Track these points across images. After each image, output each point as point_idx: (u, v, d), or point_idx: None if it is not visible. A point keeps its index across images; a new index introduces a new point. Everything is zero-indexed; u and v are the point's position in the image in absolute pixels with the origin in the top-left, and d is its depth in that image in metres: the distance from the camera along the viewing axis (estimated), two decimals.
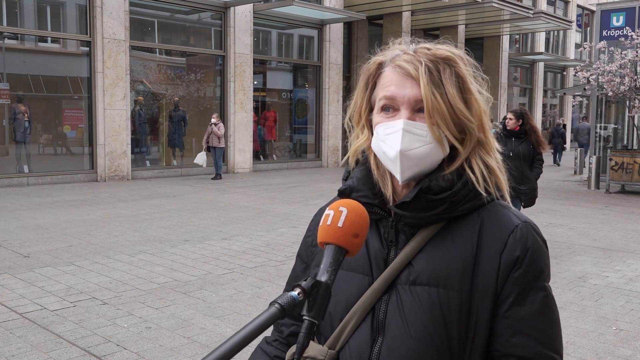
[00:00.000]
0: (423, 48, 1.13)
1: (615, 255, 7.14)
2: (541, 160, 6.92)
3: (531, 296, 1.08)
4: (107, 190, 11.96)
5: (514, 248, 1.09)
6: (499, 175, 1.15)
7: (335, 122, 18.64)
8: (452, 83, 1.09)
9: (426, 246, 1.12)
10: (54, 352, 3.96)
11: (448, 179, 1.11)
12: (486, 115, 1.14)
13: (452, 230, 1.12)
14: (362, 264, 1.15)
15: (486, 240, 1.10)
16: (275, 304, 0.87)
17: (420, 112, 1.10)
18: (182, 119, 15.48)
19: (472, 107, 1.11)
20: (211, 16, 16.04)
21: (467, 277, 1.08)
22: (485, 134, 1.14)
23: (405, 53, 1.12)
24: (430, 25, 22.33)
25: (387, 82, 1.12)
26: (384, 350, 1.10)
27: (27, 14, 13.04)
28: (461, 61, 1.12)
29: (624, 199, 12.64)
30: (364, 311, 1.12)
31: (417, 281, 1.09)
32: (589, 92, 16.00)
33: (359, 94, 1.18)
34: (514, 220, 1.12)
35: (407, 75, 1.10)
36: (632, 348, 4.25)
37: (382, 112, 1.13)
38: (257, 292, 5.39)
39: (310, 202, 10.67)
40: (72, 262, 6.26)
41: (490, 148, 1.15)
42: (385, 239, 1.15)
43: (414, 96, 1.09)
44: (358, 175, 1.20)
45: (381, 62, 1.15)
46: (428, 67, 1.09)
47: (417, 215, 1.11)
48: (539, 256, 1.10)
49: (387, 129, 1.11)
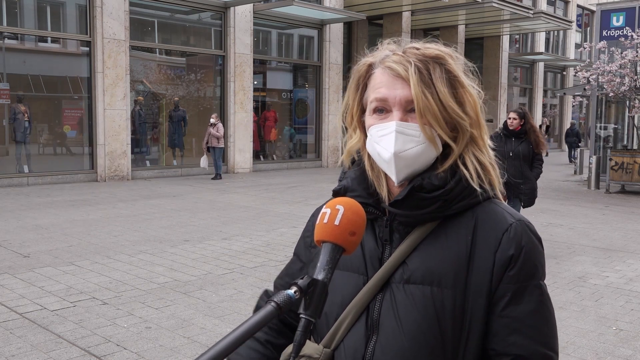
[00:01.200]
0: (412, 48, 1.13)
1: (615, 255, 7.14)
2: (541, 161, 6.93)
3: (527, 295, 1.08)
4: (107, 190, 11.96)
5: (508, 247, 1.09)
6: (492, 172, 1.15)
7: (335, 122, 18.63)
8: (442, 81, 1.09)
9: (420, 245, 1.12)
10: (54, 352, 3.96)
11: (441, 177, 1.11)
12: (478, 111, 1.13)
13: (446, 229, 1.12)
14: (357, 263, 1.16)
15: (480, 239, 1.10)
16: (272, 302, 0.87)
17: (412, 112, 1.10)
18: (182, 119, 15.49)
19: (465, 102, 1.12)
20: (211, 16, 16.05)
21: (461, 276, 1.08)
22: (479, 130, 1.14)
23: (394, 54, 1.12)
24: (430, 25, 22.33)
25: (378, 84, 1.13)
26: (378, 348, 1.10)
27: (27, 14, 13.04)
28: (450, 58, 1.12)
29: (624, 199, 12.64)
30: (359, 310, 1.13)
31: (411, 279, 1.10)
32: (589, 92, 16.00)
33: (350, 96, 1.19)
34: (508, 218, 1.12)
35: (397, 76, 1.10)
36: (632, 348, 4.25)
37: (374, 113, 1.13)
38: (257, 292, 5.38)
39: (310, 202, 10.67)
40: (72, 262, 6.26)
41: (483, 144, 1.16)
42: (380, 238, 1.16)
43: (405, 97, 1.09)
44: (352, 175, 1.20)
45: (371, 63, 1.16)
46: (418, 67, 1.09)
47: (411, 214, 1.12)
48: (534, 254, 1.11)
49: (380, 130, 1.11)
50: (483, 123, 1.15)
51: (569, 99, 30.15)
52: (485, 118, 1.18)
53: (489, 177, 1.15)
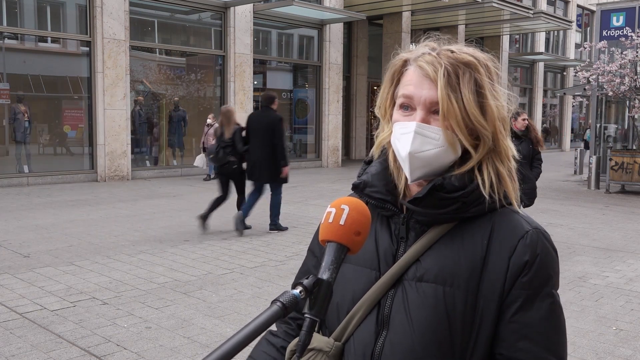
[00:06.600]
0: (447, 50, 1.14)
1: (615, 255, 7.14)
2: (540, 160, 7.00)
3: (538, 302, 1.09)
4: (107, 190, 11.96)
5: (523, 253, 1.09)
6: (509, 183, 1.16)
7: (335, 122, 18.64)
8: (469, 88, 1.10)
9: (436, 244, 1.13)
10: (54, 352, 3.96)
11: (461, 179, 1.12)
12: (502, 122, 1.14)
13: (462, 231, 1.13)
14: (371, 259, 1.17)
15: (496, 244, 1.11)
16: (277, 302, 0.87)
17: (435, 114, 1.11)
18: (182, 119, 15.48)
19: (486, 113, 1.12)
20: (211, 16, 16.04)
21: (474, 279, 1.09)
22: (500, 142, 1.14)
23: (429, 54, 1.13)
24: (430, 25, 22.31)
25: (408, 81, 1.14)
26: (387, 344, 1.11)
27: (27, 14, 13.03)
28: (482, 67, 1.13)
29: (624, 199, 12.64)
30: (370, 305, 1.14)
31: (424, 278, 1.11)
32: (589, 92, 16.00)
33: (384, 88, 1.21)
34: (525, 226, 1.13)
35: (426, 76, 1.11)
36: (632, 348, 4.25)
37: (400, 109, 1.15)
38: (257, 292, 5.39)
39: (310, 202, 10.66)
40: (72, 262, 6.26)
41: (505, 156, 1.16)
42: (395, 235, 1.17)
43: (430, 98, 1.11)
44: (373, 171, 1.22)
45: (406, 59, 1.17)
46: (447, 70, 1.10)
47: (429, 212, 1.13)
48: (548, 262, 1.11)
49: (402, 128, 1.13)
50: (503, 135, 1.15)
51: (569, 99, 30.14)
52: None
53: (505, 188, 1.15)
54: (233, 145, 7.98)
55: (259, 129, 7.96)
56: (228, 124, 8.13)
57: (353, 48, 20.78)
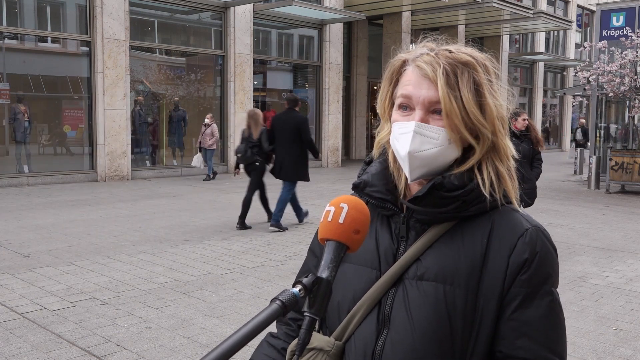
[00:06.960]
0: (445, 50, 1.14)
1: (615, 255, 7.14)
2: (540, 160, 7.01)
3: (537, 300, 1.09)
4: (107, 190, 11.96)
5: (523, 251, 1.10)
6: (508, 182, 1.16)
7: (335, 122, 18.64)
8: (468, 87, 1.11)
9: (436, 243, 1.13)
10: (54, 352, 3.96)
11: (460, 178, 1.12)
12: (500, 121, 1.14)
13: (462, 230, 1.13)
14: (371, 258, 1.17)
15: (496, 242, 1.11)
16: (277, 300, 0.87)
17: (434, 114, 1.12)
18: (182, 119, 15.48)
19: (485, 112, 1.13)
20: (211, 16, 16.04)
21: (474, 277, 1.09)
22: (499, 141, 1.15)
23: (427, 54, 1.14)
24: (430, 25, 22.32)
25: (406, 81, 1.15)
26: (388, 342, 1.12)
27: (27, 14, 13.03)
28: (481, 66, 1.14)
29: (624, 199, 12.64)
30: (371, 304, 1.14)
31: (425, 276, 1.11)
32: (589, 92, 15.99)
33: (383, 89, 1.21)
34: (525, 224, 1.13)
35: (424, 76, 1.12)
36: (632, 348, 4.25)
37: (399, 109, 1.16)
38: (257, 292, 5.39)
39: (310, 202, 10.66)
40: (72, 262, 6.26)
41: (505, 155, 1.17)
42: (395, 234, 1.17)
43: (428, 97, 1.11)
44: (373, 170, 1.22)
45: (405, 59, 1.18)
46: (446, 70, 1.10)
47: (429, 211, 1.13)
48: (547, 261, 1.12)
49: (401, 128, 1.14)
50: (502, 134, 1.16)
51: (569, 99, 30.14)
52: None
53: (505, 186, 1.16)
54: (260, 146, 8.38)
55: (285, 130, 8.30)
56: (255, 126, 8.51)
57: (353, 48, 20.78)
